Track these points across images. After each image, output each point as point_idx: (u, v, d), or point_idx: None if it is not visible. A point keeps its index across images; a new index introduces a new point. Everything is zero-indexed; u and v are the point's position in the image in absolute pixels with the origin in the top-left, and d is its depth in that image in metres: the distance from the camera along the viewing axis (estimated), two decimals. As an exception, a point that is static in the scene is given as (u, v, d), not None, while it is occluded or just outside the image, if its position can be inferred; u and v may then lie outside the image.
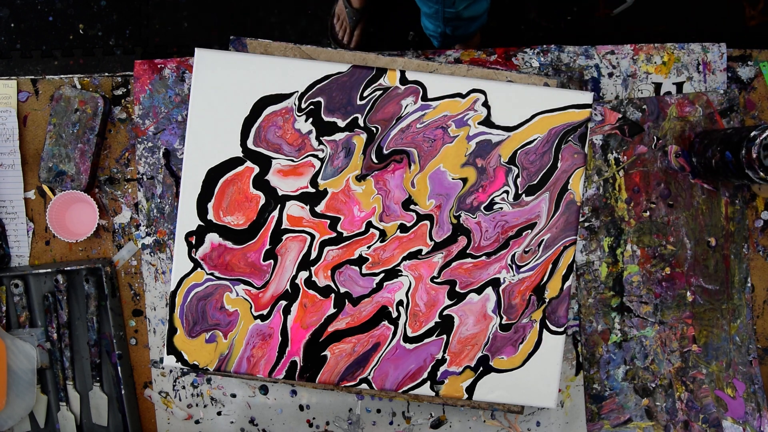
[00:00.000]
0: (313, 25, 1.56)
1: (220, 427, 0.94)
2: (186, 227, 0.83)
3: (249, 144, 0.82)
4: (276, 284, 0.83)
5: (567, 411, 0.93)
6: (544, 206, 0.83)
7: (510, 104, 0.82)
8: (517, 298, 0.84)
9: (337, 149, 0.83)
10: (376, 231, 0.83)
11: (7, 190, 0.94)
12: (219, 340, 0.83)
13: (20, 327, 0.92)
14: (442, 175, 0.83)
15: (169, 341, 0.83)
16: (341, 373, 0.83)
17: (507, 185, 0.83)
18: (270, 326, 0.83)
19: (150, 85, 0.94)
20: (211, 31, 1.60)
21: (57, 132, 0.91)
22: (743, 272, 0.94)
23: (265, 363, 0.83)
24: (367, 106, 0.82)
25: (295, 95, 0.82)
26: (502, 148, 0.83)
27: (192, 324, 0.83)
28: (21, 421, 0.92)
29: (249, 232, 0.83)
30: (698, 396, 0.94)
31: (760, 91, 0.95)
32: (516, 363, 0.84)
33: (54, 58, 1.59)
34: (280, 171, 0.83)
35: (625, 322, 0.94)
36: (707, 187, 0.94)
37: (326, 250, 0.83)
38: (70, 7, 1.59)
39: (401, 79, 0.82)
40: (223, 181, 0.82)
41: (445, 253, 0.83)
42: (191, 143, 0.82)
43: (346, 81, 0.82)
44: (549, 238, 0.83)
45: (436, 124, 0.82)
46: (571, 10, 1.59)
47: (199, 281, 0.83)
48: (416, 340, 0.84)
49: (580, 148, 0.83)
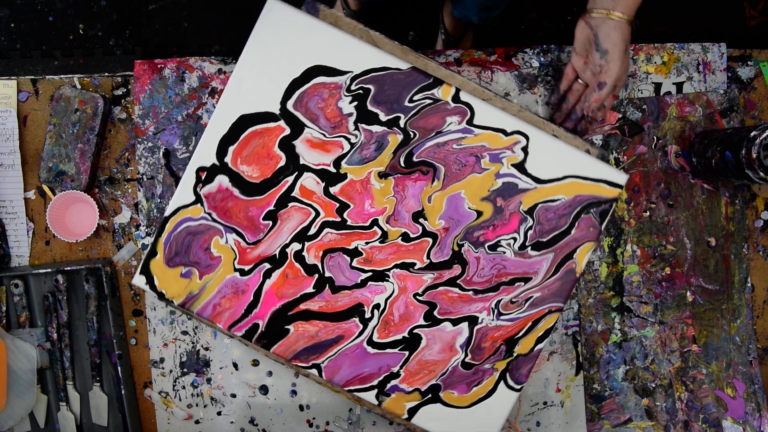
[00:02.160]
0: (313, 25, 1.56)
1: (220, 427, 0.94)
2: (200, 161, 0.82)
3: (288, 105, 0.82)
4: (267, 246, 0.83)
5: (567, 411, 0.93)
6: (545, 266, 0.83)
7: (547, 157, 0.82)
8: (488, 342, 0.83)
9: (370, 140, 0.82)
10: (380, 231, 0.83)
11: (7, 190, 0.94)
12: (194, 278, 0.83)
13: (20, 327, 0.92)
14: (460, 200, 0.82)
15: (146, 263, 0.83)
16: (297, 352, 0.83)
17: (517, 233, 0.83)
18: (246, 283, 0.83)
19: (150, 85, 0.94)
20: (211, 31, 1.60)
21: (57, 132, 0.91)
22: (743, 272, 0.94)
23: (229, 316, 0.83)
24: (413, 110, 0.82)
25: (348, 75, 0.81)
26: (525, 197, 0.82)
27: (173, 254, 0.83)
28: (21, 421, 0.92)
29: (259, 188, 0.82)
30: (698, 396, 0.94)
31: (760, 91, 0.95)
32: (464, 402, 0.84)
33: (54, 58, 1.59)
34: (309, 141, 0.82)
35: (625, 322, 0.94)
36: (707, 187, 0.94)
37: (326, 231, 0.83)
38: (70, 7, 1.59)
39: (454, 96, 0.82)
40: (252, 131, 0.82)
41: (436, 275, 0.83)
42: (234, 84, 0.82)
43: (402, 79, 0.81)
44: (538, 297, 0.83)
45: (472, 151, 0.82)
46: (571, 10, 1.59)
47: (195, 216, 0.83)
48: (379, 346, 0.83)
49: (597, 224, 0.82)
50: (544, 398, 0.93)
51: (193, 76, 0.94)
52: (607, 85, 0.80)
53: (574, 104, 0.85)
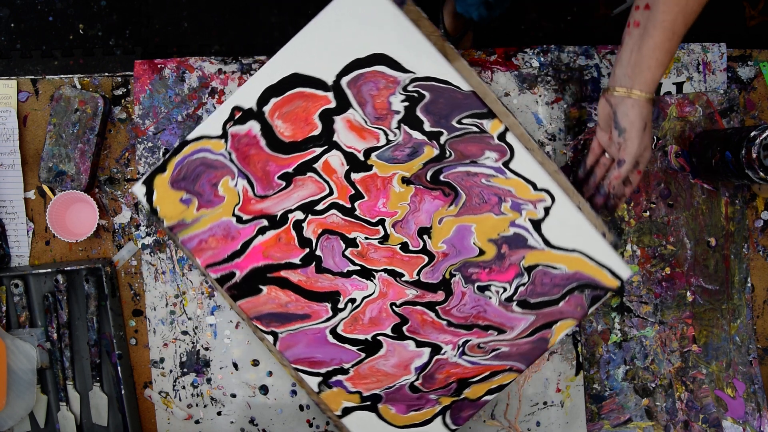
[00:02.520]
0: (313, 25, 1.56)
1: (220, 427, 0.94)
2: (239, 101, 0.82)
3: (343, 81, 0.81)
4: (272, 204, 0.82)
5: (567, 411, 0.93)
6: (522, 325, 0.83)
7: (564, 226, 0.82)
8: (442, 375, 0.84)
9: (407, 143, 0.82)
10: (383, 231, 0.83)
11: (7, 190, 0.94)
12: (191, 207, 0.83)
13: (20, 327, 0.92)
14: (468, 233, 0.82)
15: (152, 175, 0.83)
16: (261, 314, 0.83)
17: (509, 284, 0.83)
18: (239, 231, 0.83)
19: (150, 85, 0.94)
20: (211, 31, 1.60)
21: (57, 132, 0.91)
22: (743, 272, 0.94)
23: (211, 255, 0.83)
24: (458, 131, 0.82)
25: (410, 75, 0.81)
26: (530, 254, 0.82)
27: (181, 177, 0.83)
28: (21, 421, 0.92)
29: (285, 147, 0.82)
30: (698, 396, 0.94)
31: (760, 91, 0.95)
32: (397, 422, 0.84)
33: (54, 58, 1.59)
34: (349, 122, 0.82)
35: (625, 322, 0.94)
36: (707, 187, 0.94)
37: (332, 211, 0.83)
38: (70, 7, 1.59)
39: (501, 134, 0.81)
40: (299, 91, 0.82)
41: (419, 293, 0.83)
42: (300, 41, 0.81)
43: (458, 99, 0.81)
44: (505, 352, 0.83)
45: (498, 191, 0.82)
46: (571, 10, 1.59)
47: (215, 150, 0.82)
48: (340, 339, 0.83)
49: (586, 306, 0.82)
50: (544, 398, 0.93)
51: (193, 76, 0.94)
52: (626, 162, 0.78)
53: (602, 178, 0.84)
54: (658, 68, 0.74)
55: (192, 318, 0.93)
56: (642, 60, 0.75)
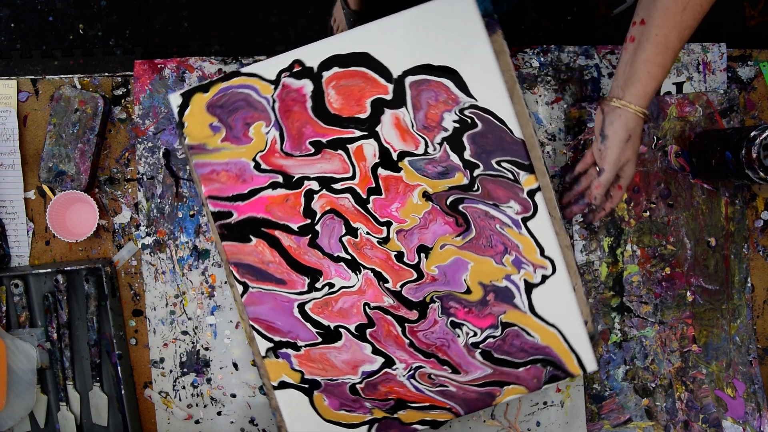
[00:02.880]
0: (313, 25, 1.56)
1: (220, 427, 0.94)
2: (304, 56, 0.81)
3: (407, 79, 0.81)
4: (293, 165, 0.82)
5: (567, 411, 0.93)
6: (477, 374, 0.83)
7: (554, 300, 0.82)
8: (384, 388, 0.84)
9: (441, 162, 0.82)
10: (385, 233, 0.83)
11: (7, 190, 0.94)
12: (217, 136, 0.82)
13: (20, 327, 0.92)
14: (463, 268, 0.83)
15: (193, 91, 0.82)
16: (240, 262, 0.83)
17: (481, 331, 0.83)
18: (252, 177, 0.83)
19: (150, 85, 0.94)
20: (211, 31, 1.60)
21: (57, 132, 0.91)
22: (743, 272, 0.94)
23: (217, 188, 0.83)
24: (493, 171, 0.82)
25: (471, 100, 0.81)
26: (512, 312, 0.82)
27: (219, 104, 0.82)
28: (21, 421, 0.92)
29: (328, 117, 0.82)
30: (698, 396, 0.94)
31: (760, 91, 0.95)
32: (325, 414, 0.84)
33: (54, 58, 1.59)
34: (397, 119, 0.82)
35: (625, 322, 0.94)
36: (707, 187, 0.94)
37: (346, 195, 0.82)
38: (70, 7, 1.59)
39: (531, 191, 0.81)
40: (363, 71, 0.81)
41: (395, 304, 0.83)
42: (385, 25, 0.80)
43: (506, 141, 0.81)
44: (450, 391, 0.83)
45: (507, 242, 0.82)
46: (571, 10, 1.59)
47: (261, 92, 0.82)
48: (305, 316, 0.83)
49: (542, 381, 0.83)
50: (544, 398, 0.93)
51: (193, 76, 0.94)
52: (606, 171, 0.79)
53: (585, 188, 0.85)
54: (650, 82, 0.75)
55: (192, 318, 0.93)
56: (634, 73, 0.75)
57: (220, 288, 0.93)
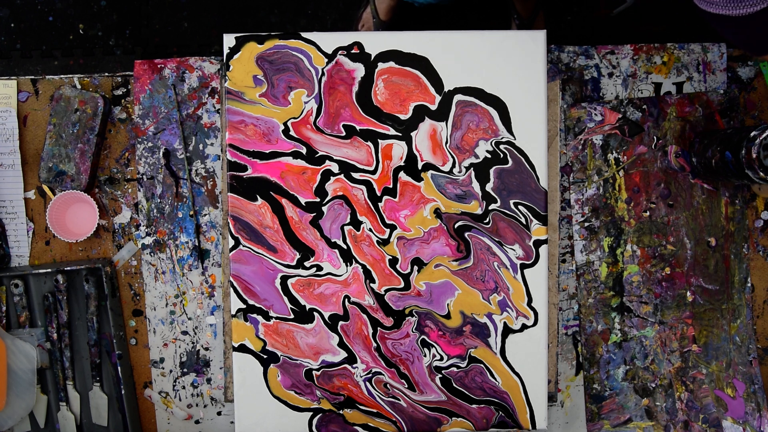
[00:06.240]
0: (313, 25, 1.56)
1: (220, 427, 0.94)
2: (366, 40, 0.82)
3: (456, 96, 0.82)
4: (320, 141, 0.83)
5: (567, 411, 0.93)
6: (431, 397, 0.85)
7: (526, 351, 0.84)
8: (339, 383, 0.85)
9: (462, 186, 0.83)
10: (387, 235, 0.83)
11: (7, 190, 0.94)
12: (257, 90, 0.83)
13: (20, 327, 0.92)
14: (450, 293, 0.84)
15: (248, 38, 0.83)
16: (240, 218, 0.84)
17: (447, 358, 0.84)
18: (277, 140, 0.83)
19: (150, 85, 0.94)
20: (211, 31, 1.60)
21: (57, 132, 0.91)
22: (743, 272, 0.94)
23: (240, 140, 0.83)
24: (508, 211, 0.83)
25: (510, 137, 0.82)
26: (482, 350, 0.84)
27: (269, 61, 0.83)
28: (21, 421, 0.92)
29: (369, 108, 0.82)
30: (698, 396, 0.94)
31: (760, 91, 0.95)
32: (274, 389, 0.85)
33: (54, 58, 1.59)
34: (434, 132, 0.82)
35: (625, 322, 0.94)
36: (707, 187, 0.94)
37: (361, 186, 0.83)
38: (70, 7, 1.59)
39: (538, 241, 0.83)
40: (417, 75, 0.82)
41: (374, 306, 0.84)
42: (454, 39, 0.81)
43: (530, 187, 0.83)
44: (401, 405, 0.85)
45: (499, 282, 0.83)
46: (571, 10, 1.59)
47: (313, 62, 0.83)
48: (285, 291, 0.84)
49: (491, 423, 0.84)
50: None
51: (193, 76, 0.94)
52: None
53: None
54: None
55: (192, 318, 0.93)
56: None
57: (220, 288, 0.93)
